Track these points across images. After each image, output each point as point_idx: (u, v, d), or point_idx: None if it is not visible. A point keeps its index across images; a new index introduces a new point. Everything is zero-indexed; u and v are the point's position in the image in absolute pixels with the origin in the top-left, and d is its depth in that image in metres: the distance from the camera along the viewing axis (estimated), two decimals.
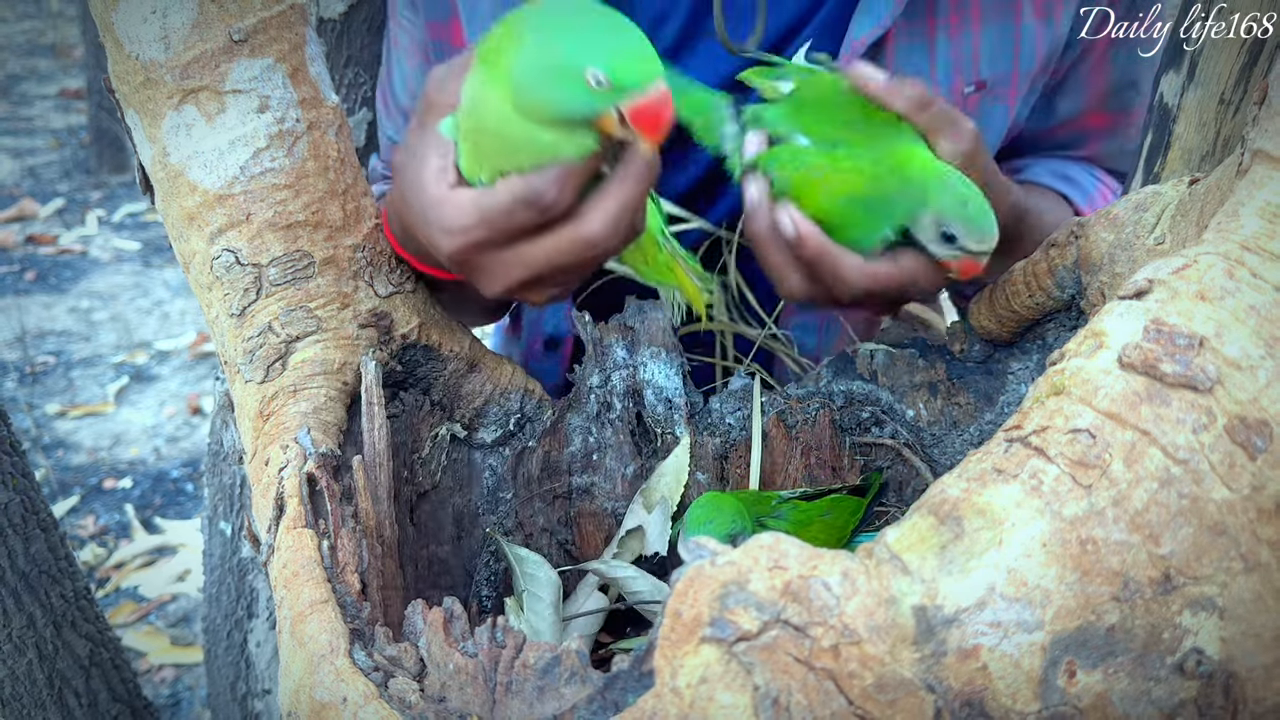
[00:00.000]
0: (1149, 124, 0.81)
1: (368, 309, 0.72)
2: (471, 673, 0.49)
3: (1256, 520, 0.41)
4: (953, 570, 0.41)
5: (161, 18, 0.65)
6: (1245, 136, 0.51)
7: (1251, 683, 0.42)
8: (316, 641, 0.51)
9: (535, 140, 0.56)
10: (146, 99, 0.67)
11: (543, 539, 0.82)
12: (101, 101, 4.75)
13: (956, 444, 0.78)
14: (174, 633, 2.22)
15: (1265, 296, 0.44)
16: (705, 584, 0.42)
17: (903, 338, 0.81)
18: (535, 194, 0.57)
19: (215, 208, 0.68)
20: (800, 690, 0.41)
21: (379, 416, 0.67)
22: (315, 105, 0.71)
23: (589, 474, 0.83)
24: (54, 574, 1.01)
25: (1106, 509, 0.41)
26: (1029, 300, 0.69)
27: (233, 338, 0.69)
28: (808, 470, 0.82)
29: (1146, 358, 0.43)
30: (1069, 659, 0.41)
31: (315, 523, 0.58)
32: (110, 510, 2.63)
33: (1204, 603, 0.41)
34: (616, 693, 0.45)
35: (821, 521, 0.71)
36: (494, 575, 0.79)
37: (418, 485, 0.75)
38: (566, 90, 0.54)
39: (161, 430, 2.99)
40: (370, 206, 0.74)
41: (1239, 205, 0.47)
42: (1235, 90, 0.71)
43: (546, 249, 0.60)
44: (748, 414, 0.82)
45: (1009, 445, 0.44)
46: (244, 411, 0.69)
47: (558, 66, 0.53)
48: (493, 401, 0.78)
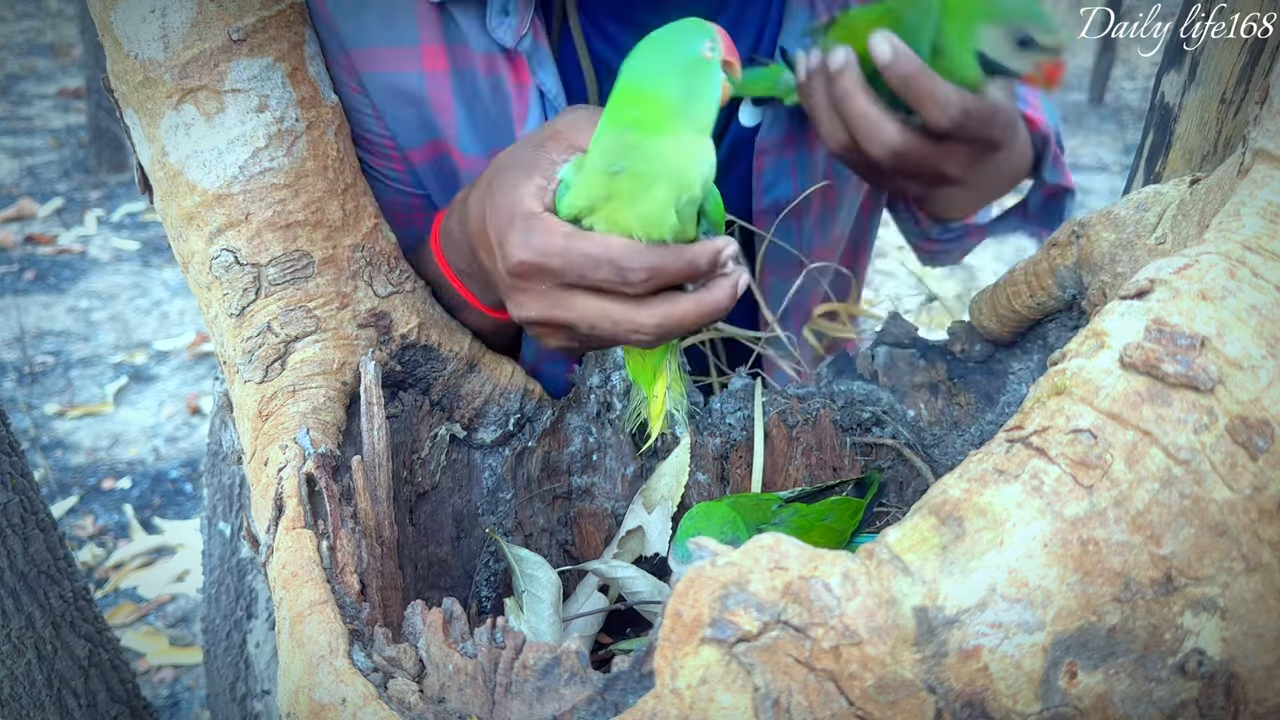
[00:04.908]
0: (1150, 124, 0.81)
1: (367, 309, 0.71)
2: (471, 673, 0.49)
3: (1258, 521, 0.41)
4: (954, 571, 0.41)
5: (160, 17, 0.65)
6: (1247, 136, 0.50)
7: (1253, 683, 0.42)
8: (316, 642, 0.51)
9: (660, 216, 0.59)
10: (145, 98, 0.67)
11: (543, 539, 0.82)
12: (100, 101, 4.75)
13: (957, 444, 0.78)
14: (173, 633, 2.22)
15: (1267, 296, 0.44)
16: (705, 585, 0.42)
17: (902, 337, 0.81)
18: (627, 266, 0.59)
19: (214, 207, 0.67)
20: (801, 691, 0.40)
21: (378, 416, 0.67)
22: (314, 104, 0.71)
23: (589, 474, 0.83)
24: (53, 574, 1.01)
25: (1108, 509, 0.41)
26: (1030, 300, 0.69)
27: (232, 338, 0.69)
28: (808, 470, 0.82)
29: (1148, 358, 0.43)
30: (1070, 660, 0.40)
31: (314, 523, 0.58)
32: (109, 510, 2.63)
33: (1205, 603, 0.41)
34: (616, 693, 0.45)
35: (823, 526, 0.71)
36: (494, 575, 0.79)
37: (417, 485, 0.75)
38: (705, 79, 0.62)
39: (160, 430, 2.99)
40: (370, 206, 0.74)
41: (1240, 205, 0.47)
42: (1236, 90, 0.71)
43: (594, 310, 0.61)
44: (748, 414, 0.82)
45: (1010, 445, 0.44)
46: (243, 411, 0.68)
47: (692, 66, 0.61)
48: (492, 401, 0.78)
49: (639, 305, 0.61)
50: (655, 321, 0.61)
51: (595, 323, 0.61)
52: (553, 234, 0.60)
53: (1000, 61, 0.65)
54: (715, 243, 0.61)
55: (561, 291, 0.62)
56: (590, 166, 0.61)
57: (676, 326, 0.61)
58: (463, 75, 0.80)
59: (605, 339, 0.63)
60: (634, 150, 0.59)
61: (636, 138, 0.59)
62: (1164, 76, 0.80)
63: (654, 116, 0.60)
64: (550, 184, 0.62)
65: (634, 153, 0.59)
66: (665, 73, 0.61)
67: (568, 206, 0.61)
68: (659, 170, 0.59)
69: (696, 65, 0.61)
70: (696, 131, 0.61)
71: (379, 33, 0.78)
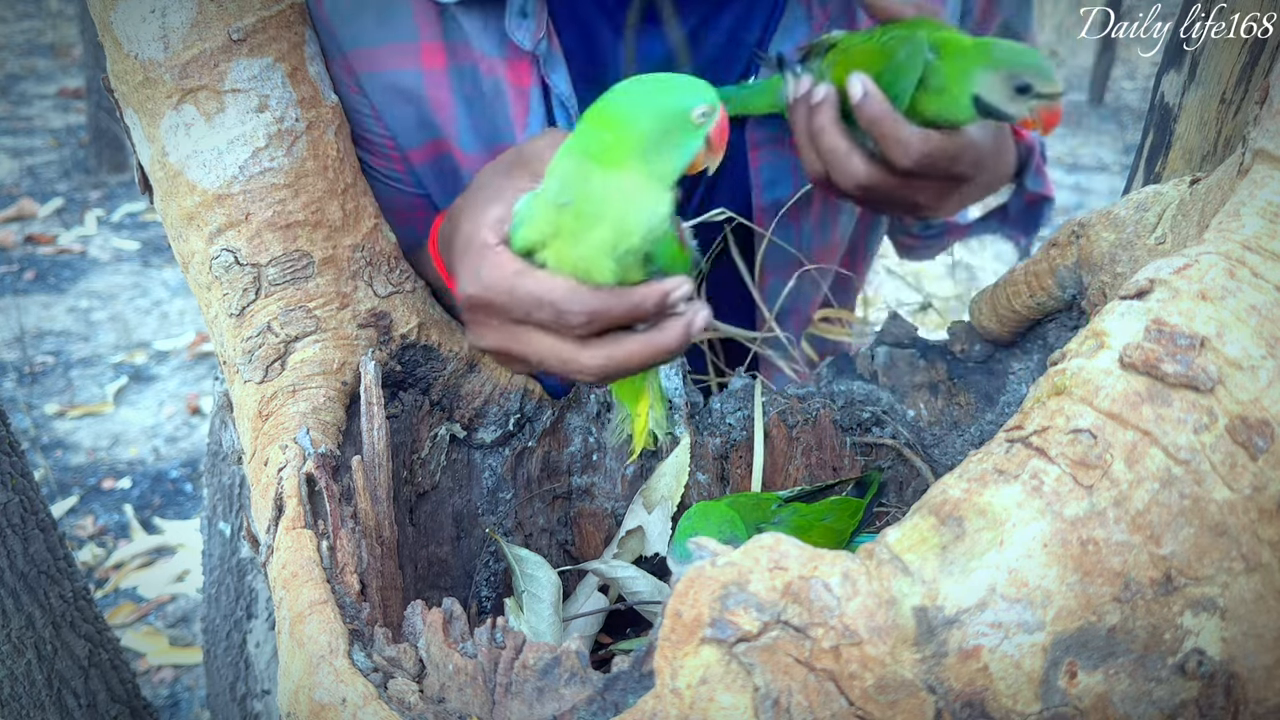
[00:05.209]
0: (1150, 124, 0.81)
1: (367, 309, 0.71)
2: (471, 673, 0.49)
3: (1258, 521, 0.41)
4: (953, 571, 0.41)
5: (160, 17, 0.65)
6: (1246, 136, 0.50)
7: (1252, 683, 0.42)
8: (316, 642, 0.51)
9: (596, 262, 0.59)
10: (145, 98, 0.67)
11: (543, 539, 0.82)
12: (100, 101, 4.75)
13: (957, 444, 0.78)
14: (173, 633, 2.22)
15: (1266, 296, 0.44)
16: (706, 585, 0.42)
17: (902, 337, 0.81)
18: (566, 310, 0.59)
19: (214, 207, 0.67)
20: (801, 691, 0.40)
21: (378, 416, 0.67)
22: (314, 104, 0.71)
23: (589, 474, 0.83)
24: (53, 574, 1.01)
25: (1107, 509, 0.41)
26: (1030, 300, 0.69)
27: (232, 338, 0.69)
28: (808, 470, 0.82)
29: (1148, 358, 0.43)
30: (1070, 660, 0.40)
31: (314, 523, 0.58)
32: (109, 510, 2.63)
33: (1205, 603, 0.41)
34: (616, 693, 0.45)
35: (822, 526, 0.71)
36: (494, 575, 0.79)
37: (417, 485, 0.75)
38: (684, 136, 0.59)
39: (160, 430, 2.99)
40: (370, 206, 0.74)
41: (1240, 205, 0.47)
42: (1236, 90, 0.71)
43: (543, 347, 0.62)
44: (748, 414, 0.82)
45: (1010, 445, 0.44)
46: (243, 411, 0.68)
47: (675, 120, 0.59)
48: (492, 401, 0.78)
49: (583, 345, 0.61)
50: (598, 364, 0.61)
51: (544, 358, 0.62)
52: (502, 270, 0.61)
53: (997, 106, 0.66)
54: (663, 285, 0.60)
55: (513, 325, 0.63)
56: (543, 195, 0.60)
57: (619, 368, 0.61)
58: (462, 72, 0.80)
59: (555, 373, 0.64)
60: (583, 183, 0.58)
61: (589, 169, 0.58)
62: (1164, 76, 0.80)
63: (614, 151, 0.58)
64: (508, 216, 0.63)
65: (582, 186, 0.58)
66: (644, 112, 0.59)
67: (521, 240, 0.61)
68: (600, 212, 0.58)
69: (680, 121, 0.59)
70: (653, 178, 0.59)
71: (376, 32, 0.78)
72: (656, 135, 0.58)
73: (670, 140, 0.59)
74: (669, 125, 0.59)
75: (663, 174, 0.59)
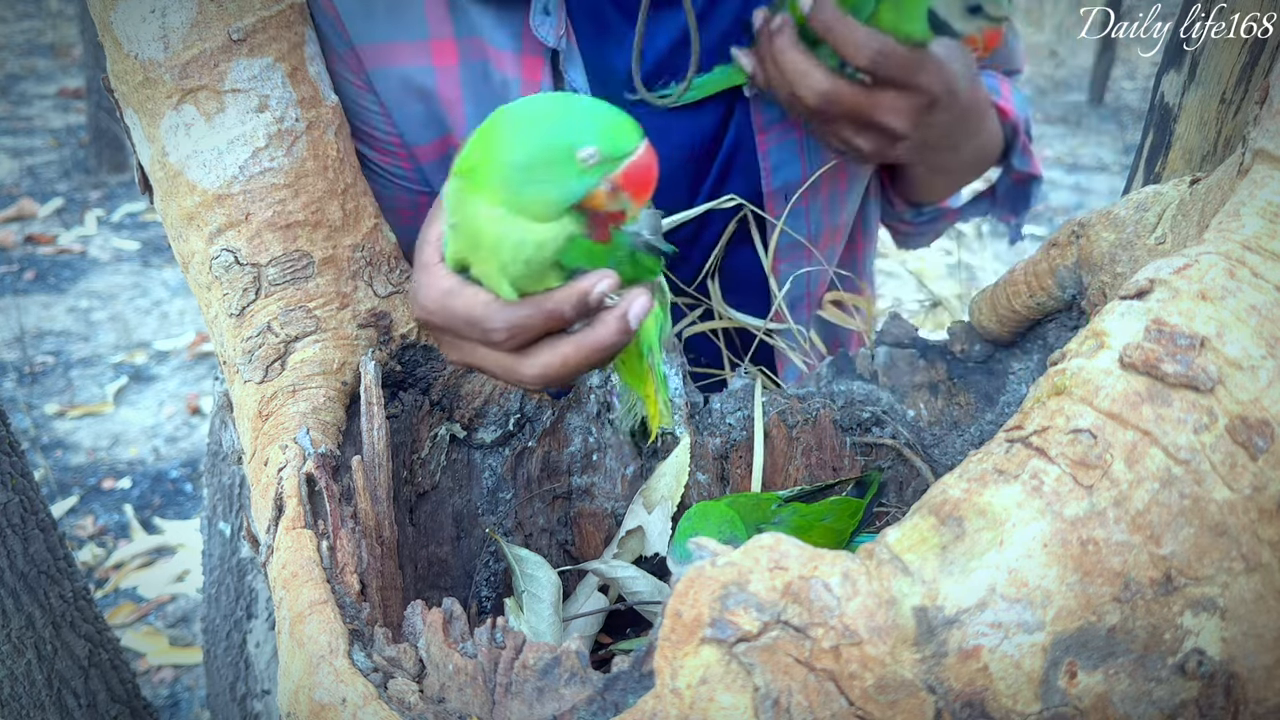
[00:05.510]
0: (1150, 124, 0.81)
1: (367, 309, 0.71)
2: (471, 673, 0.49)
3: (1258, 521, 0.41)
4: (953, 571, 0.41)
5: (160, 17, 0.65)
6: (1246, 136, 0.50)
7: (1252, 683, 0.42)
8: (316, 642, 0.51)
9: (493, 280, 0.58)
10: (145, 98, 0.67)
11: (543, 539, 0.82)
12: (100, 101, 4.75)
13: (957, 444, 0.78)
14: (173, 633, 2.22)
15: (1266, 296, 0.44)
16: (706, 585, 0.42)
17: (902, 337, 0.81)
18: (488, 326, 0.60)
19: (214, 207, 0.67)
20: (801, 691, 0.40)
21: (378, 416, 0.67)
22: (315, 104, 0.71)
23: (589, 474, 0.83)
24: (53, 574, 1.01)
25: (1107, 509, 0.41)
26: (1030, 300, 0.69)
27: (232, 338, 0.69)
28: (808, 470, 0.82)
29: (1148, 358, 0.43)
30: (1070, 660, 0.40)
31: (314, 523, 0.58)
32: (109, 510, 2.63)
33: (1205, 603, 0.41)
34: (616, 693, 0.45)
35: (822, 526, 0.71)
36: (494, 575, 0.79)
37: (417, 485, 0.75)
38: (561, 175, 0.54)
39: (160, 430, 2.99)
40: (370, 206, 0.74)
41: (1240, 205, 0.47)
42: (1236, 90, 0.71)
43: (487, 359, 0.63)
44: (748, 414, 0.82)
45: (1010, 445, 0.44)
46: (243, 411, 0.68)
47: (550, 155, 0.54)
48: (492, 401, 0.78)
49: (519, 357, 0.61)
50: (535, 373, 0.61)
51: (491, 369, 0.63)
52: (437, 289, 0.62)
53: (948, 21, 0.71)
54: (580, 284, 0.57)
55: (459, 341, 0.64)
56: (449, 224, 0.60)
57: (559, 373, 0.61)
58: (472, 68, 0.80)
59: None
60: (460, 205, 0.57)
61: (463, 191, 0.57)
62: (1164, 76, 0.80)
63: (480, 176, 0.56)
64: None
65: (460, 208, 0.57)
66: (516, 142, 0.54)
67: (451, 256, 0.61)
68: (476, 236, 0.56)
69: (558, 157, 0.53)
70: (517, 211, 0.55)
71: (387, 28, 0.78)
72: (524, 168, 0.54)
73: (543, 175, 0.54)
74: (542, 160, 0.54)
75: (530, 209, 0.55)
